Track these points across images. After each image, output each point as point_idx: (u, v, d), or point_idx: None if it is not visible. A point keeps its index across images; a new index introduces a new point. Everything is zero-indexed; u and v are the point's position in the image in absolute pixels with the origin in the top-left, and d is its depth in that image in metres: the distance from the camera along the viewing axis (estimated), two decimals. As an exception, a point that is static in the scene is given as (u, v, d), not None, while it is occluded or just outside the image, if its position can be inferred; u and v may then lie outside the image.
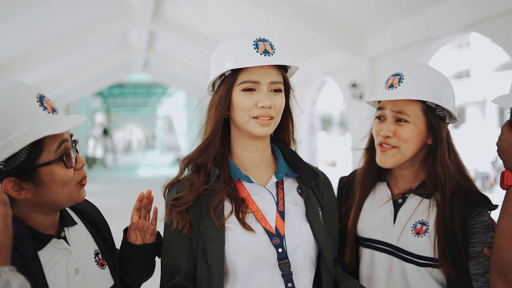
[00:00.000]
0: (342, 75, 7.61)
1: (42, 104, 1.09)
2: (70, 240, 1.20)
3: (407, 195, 1.52)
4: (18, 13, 6.14)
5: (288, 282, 1.24)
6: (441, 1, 4.97)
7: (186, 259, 1.29)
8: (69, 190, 1.12)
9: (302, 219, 1.31)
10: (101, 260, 1.26)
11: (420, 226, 1.45)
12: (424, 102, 1.47)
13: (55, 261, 1.13)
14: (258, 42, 1.26)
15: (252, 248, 1.24)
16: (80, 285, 1.16)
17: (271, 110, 1.24)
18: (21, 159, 1.05)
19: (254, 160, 1.34)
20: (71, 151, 1.13)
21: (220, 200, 1.26)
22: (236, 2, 6.64)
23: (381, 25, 6.17)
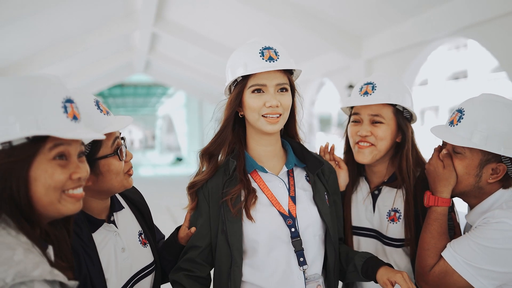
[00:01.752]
0: (339, 76, 7.82)
1: (99, 107, 1.32)
2: (118, 223, 1.42)
3: (381, 187, 1.75)
4: (26, 17, 6.32)
5: (300, 257, 1.45)
6: (433, 6, 5.20)
7: (202, 240, 1.51)
8: (120, 179, 1.34)
9: (310, 202, 1.53)
10: (143, 239, 1.48)
11: (393, 214, 1.68)
12: (394, 106, 1.69)
13: (105, 241, 1.35)
14: (263, 50, 1.44)
15: (270, 228, 1.45)
16: (126, 261, 1.37)
17: (278, 108, 1.44)
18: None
19: (266, 152, 1.54)
20: (122, 146, 1.36)
21: (237, 191, 1.47)
22: (237, 5, 6.82)
23: (377, 29, 6.38)
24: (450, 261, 1.40)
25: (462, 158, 1.46)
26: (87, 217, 1.32)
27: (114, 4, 8.25)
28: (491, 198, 1.46)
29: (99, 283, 1.25)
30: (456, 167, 1.47)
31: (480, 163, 1.44)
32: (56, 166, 1.02)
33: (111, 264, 1.33)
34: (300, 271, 1.45)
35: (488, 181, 1.45)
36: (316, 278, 1.47)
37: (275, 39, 6.39)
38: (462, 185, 1.48)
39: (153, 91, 24.94)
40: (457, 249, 1.41)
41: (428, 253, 1.46)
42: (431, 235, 1.47)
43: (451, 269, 1.40)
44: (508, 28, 4.39)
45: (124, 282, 1.36)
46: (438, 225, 1.47)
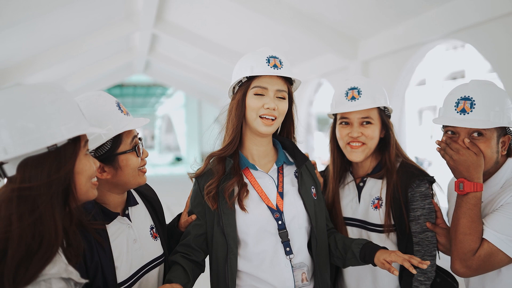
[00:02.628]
0: (337, 77, 7.96)
1: (120, 108, 1.45)
2: (132, 217, 1.55)
3: (365, 178, 1.89)
4: (28, 19, 6.42)
5: (287, 247, 1.59)
6: (427, 9, 5.34)
7: (198, 229, 1.65)
8: (135, 174, 1.47)
9: (297, 197, 1.66)
10: (155, 233, 1.60)
11: (377, 201, 1.81)
12: (378, 107, 1.84)
13: (119, 232, 1.47)
14: (270, 58, 1.58)
15: (259, 221, 1.59)
16: (137, 252, 1.50)
17: (274, 112, 1.58)
18: (106, 148, 1.40)
19: (259, 152, 1.68)
20: (140, 144, 1.50)
21: (231, 185, 1.61)
22: (237, 7, 6.93)
23: (373, 31, 6.52)
24: (494, 242, 1.46)
25: (485, 140, 1.56)
26: (102, 209, 1.45)
27: (115, 6, 8.36)
28: (503, 168, 1.59)
29: (108, 269, 1.38)
30: (483, 150, 1.55)
31: (497, 140, 1.58)
32: (89, 158, 1.19)
33: (123, 254, 1.45)
34: (287, 259, 1.59)
35: (502, 154, 1.60)
36: (301, 266, 1.61)
37: (274, 40, 6.60)
38: (488, 165, 1.58)
39: (152, 91, 25.00)
40: (499, 229, 1.47)
41: (471, 237, 1.49)
42: (472, 220, 1.51)
43: (496, 249, 1.46)
44: (499, 31, 4.54)
45: (135, 270, 1.49)
46: (478, 210, 1.53)
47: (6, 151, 1.05)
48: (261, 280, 1.58)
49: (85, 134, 1.19)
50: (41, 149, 1.08)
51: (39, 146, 1.07)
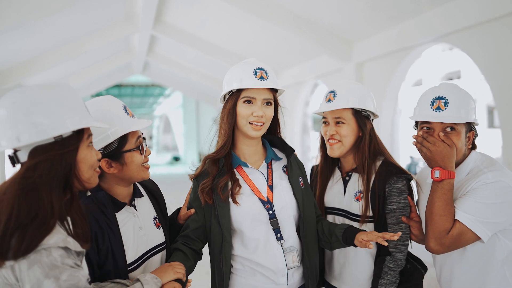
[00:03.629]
0: (331, 78, 8.13)
1: (126, 111, 1.62)
2: (138, 207, 1.72)
3: (350, 173, 2.06)
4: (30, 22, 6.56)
5: (277, 233, 1.78)
6: (418, 14, 5.53)
7: (196, 222, 1.83)
8: (139, 170, 1.64)
9: (285, 189, 1.85)
10: (157, 223, 1.77)
11: (359, 194, 2.00)
12: (353, 108, 2.00)
13: (126, 220, 1.64)
14: (257, 70, 1.77)
15: (252, 212, 1.78)
16: (142, 238, 1.67)
17: (262, 118, 1.77)
18: (113, 146, 1.57)
19: (250, 151, 1.87)
20: (143, 143, 1.67)
21: (224, 182, 1.80)
22: (234, 10, 7.10)
23: (367, 34, 6.70)
24: (465, 222, 1.68)
25: (456, 134, 1.78)
26: (112, 199, 1.62)
27: (114, 8, 8.51)
28: (468, 160, 1.82)
29: (118, 252, 1.55)
30: (455, 142, 1.77)
31: (465, 134, 1.81)
32: (92, 149, 1.37)
33: (130, 239, 1.62)
34: (278, 244, 1.78)
35: (468, 147, 1.83)
36: (292, 250, 1.80)
37: (271, 42, 6.80)
38: (459, 156, 1.80)
39: (150, 92, 25.13)
40: (468, 211, 1.69)
41: (445, 218, 1.70)
42: (446, 203, 1.72)
43: (466, 228, 1.67)
44: (486, 35, 4.72)
45: (140, 254, 1.66)
46: (451, 194, 1.74)
47: (19, 139, 1.23)
48: (257, 263, 1.77)
49: (88, 127, 1.35)
50: (49, 139, 1.25)
51: (47, 136, 1.25)
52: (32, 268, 1.15)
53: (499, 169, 1.73)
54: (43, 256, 1.16)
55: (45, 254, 1.17)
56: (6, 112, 1.25)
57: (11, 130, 1.24)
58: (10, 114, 1.25)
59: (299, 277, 1.85)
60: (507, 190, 1.67)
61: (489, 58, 4.76)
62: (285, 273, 1.78)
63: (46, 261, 1.16)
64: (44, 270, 1.16)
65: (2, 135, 1.25)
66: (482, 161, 1.80)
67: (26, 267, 1.15)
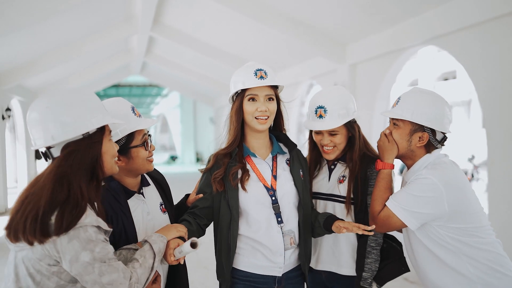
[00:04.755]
0: (326, 79, 8.35)
1: (134, 112, 1.82)
2: (145, 195, 1.93)
3: (336, 162, 2.30)
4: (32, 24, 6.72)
5: (278, 217, 2.00)
6: (408, 18, 5.76)
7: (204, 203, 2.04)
8: (144, 163, 1.85)
9: (287, 179, 2.07)
10: (163, 209, 1.99)
11: (342, 178, 2.23)
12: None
13: (136, 206, 1.85)
14: (256, 71, 1.99)
15: (257, 197, 2.01)
16: (150, 222, 1.88)
17: (266, 112, 1.99)
18: (121, 143, 1.78)
19: (258, 144, 2.09)
20: (148, 140, 1.87)
21: (236, 170, 2.02)
22: (232, 12, 7.28)
23: (360, 37, 6.92)
24: (390, 207, 1.92)
25: (397, 128, 2.02)
26: (123, 188, 1.84)
27: (114, 10, 8.67)
28: (421, 160, 2.01)
29: (131, 232, 1.77)
30: (393, 135, 2.02)
31: (410, 132, 1.99)
32: (112, 142, 1.60)
33: (139, 222, 1.84)
34: (278, 227, 2.00)
35: (417, 146, 2.00)
36: (289, 233, 2.02)
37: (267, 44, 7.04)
38: (401, 151, 2.03)
39: (148, 92, 25.24)
40: (396, 199, 1.93)
41: (377, 202, 1.99)
42: (379, 189, 2.01)
43: (392, 213, 1.91)
44: (471, 38, 4.95)
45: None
46: (384, 183, 2.01)
47: (54, 138, 1.46)
48: (258, 242, 2.00)
49: (108, 124, 1.57)
50: (78, 136, 1.48)
51: (76, 133, 1.48)
52: (71, 242, 1.38)
53: (437, 168, 1.92)
54: (80, 233, 1.39)
55: (82, 231, 1.40)
56: (39, 115, 1.47)
57: (45, 130, 1.46)
58: (43, 116, 1.47)
59: (295, 259, 2.08)
60: (433, 187, 1.85)
61: (474, 60, 4.98)
62: (282, 253, 2.00)
63: (83, 236, 1.40)
64: (81, 244, 1.39)
65: (38, 135, 1.48)
66: (429, 162, 1.99)
67: (66, 241, 1.38)
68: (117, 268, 1.45)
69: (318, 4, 6.51)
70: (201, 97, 19.56)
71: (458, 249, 1.87)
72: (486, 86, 4.85)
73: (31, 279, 1.43)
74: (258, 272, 2.01)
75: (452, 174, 1.91)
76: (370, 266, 2.13)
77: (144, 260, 1.57)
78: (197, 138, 24.53)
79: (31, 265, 1.43)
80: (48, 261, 1.42)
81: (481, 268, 1.85)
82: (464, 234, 1.86)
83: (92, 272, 1.41)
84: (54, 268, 1.43)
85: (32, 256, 1.43)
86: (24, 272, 1.44)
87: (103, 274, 1.42)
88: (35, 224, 1.37)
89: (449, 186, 1.85)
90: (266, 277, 2.01)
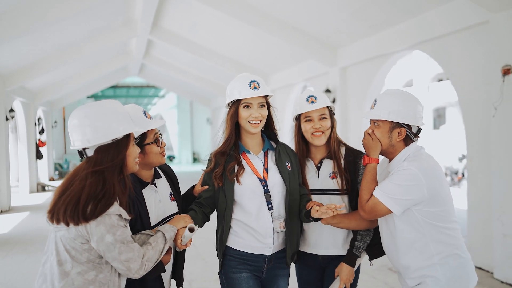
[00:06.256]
0: (318, 81, 8.70)
1: (145, 115, 2.15)
2: (157, 185, 2.25)
3: (322, 160, 2.58)
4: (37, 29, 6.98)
5: (269, 204, 2.32)
6: (394, 24, 6.10)
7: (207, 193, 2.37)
8: (157, 157, 2.18)
9: (276, 171, 2.39)
10: (172, 197, 2.31)
11: (333, 174, 2.52)
12: (328, 107, 2.55)
13: (149, 195, 2.17)
14: (251, 83, 2.30)
15: (251, 187, 2.32)
16: (161, 209, 2.20)
17: (259, 117, 2.31)
18: (137, 141, 2.09)
19: (252, 143, 2.40)
20: (159, 138, 2.20)
21: (232, 165, 2.34)
22: (227, 18, 7.59)
23: (350, 41, 7.27)
24: (377, 196, 2.16)
25: (378, 127, 2.28)
26: (139, 179, 2.16)
27: (114, 15, 8.95)
28: (401, 153, 2.28)
29: (145, 217, 2.10)
30: (376, 133, 2.29)
31: (389, 129, 2.26)
32: (135, 146, 1.92)
33: (152, 209, 2.16)
34: (269, 213, 2.32)
35: (397, 140, 2.28)
36: (279, 218, 2.34)
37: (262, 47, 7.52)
38: (384, 146, 2.30)
39: (145, 92, 25.21)
40: (382, 188, 2.16)
41: (365, 192, 2.22)
42: (367, 181, 2.26)
43: (378, 201, 2.15)
44: (452, 44, 5.29)
45: (159, 220, 2.19)
46: (371, 175, 2.27)
47: (89, 141, 1.80)
48: (251, 227, 2.32)
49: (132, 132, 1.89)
50: (108, 141, 1.81)
51: (108, 138, 1.81)
52: (98, 226, 1.72)
53: (416, 160, 2.22)
54: (106, 219, 1.73)
55: (107, 218, 1.74)
56: (79, 122, 1.81)
57: (83, 134, 1.80)
58: (82, 123, 1.80)
59: (282, 241, 2.39)
60: (414, 177, 2.14)
61: (454, 64, 5.32)
62: (272, 235, 2.32)
63: (108, 222, 1.73)
64: (106, 227, 1.73)
65: (77, 138, 1.82)
66: (409, 155, 2.28)
67: (95, 225, 1.72)
68: (133, 249, 1.79)
69: (310, 10, 6.84)
70: (197, 98, 19.79)
71: (428, 232, 2.16)
72: (466, 88, 5.19)
73: (68, 254, 1.76)
74: (251, 251, 2.32)
75: (429, 164, 2.20)
76: (362, 237, 2.44)
77: (156, 245, 1.91)
78: (194, 138, 24.80)
79: (67, 243, 1.76)
80: (80, 240, 1.75)
81: (443, 249, 2.15)
82: (436, 218, 2.15)
83: (113, 250, 1.74)
84: (85, 246, 1.76)
85: (68, 235, 1.75)
86: (62, 248, 1.77)
87: (122, 253, 1.76)
88: (75, 210, 1.71)
89: (427, 175, 2.14)
90: (258, 255, 2.32)
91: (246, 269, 2.33)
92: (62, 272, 1.76)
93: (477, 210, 5.16)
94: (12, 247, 6.75)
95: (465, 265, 2.17)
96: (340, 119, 7.64)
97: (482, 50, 4.88)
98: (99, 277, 1.79)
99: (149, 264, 1.85)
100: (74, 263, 1.76)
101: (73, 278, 1.76)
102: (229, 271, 2.34)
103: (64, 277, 1.76)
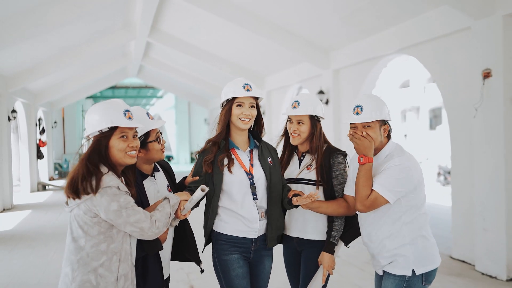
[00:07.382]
0: (312, 83, 8.95)
1: (148, 116, 2.40)
2: (156, 178, 2.51)
3: (304, 154, 2.87)
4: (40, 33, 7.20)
5: (254, 195, 2.59)
6: (383, 29, 6.36)
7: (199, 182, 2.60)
8: (158, 153, 2.44)
9: (260, 166, 2.66)
10: (169, 189, 2.57)
11: (309, 166, 2.80)
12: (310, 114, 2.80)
13: (149, 186, 2.43)
14: (244, 85, 2.59)
15: (239, 179, 2.59)
16: (159, 198, 2.44)
17: (249, 116, 2.59)
18: (141, 139, 2.34)
19: (240, 140, 2.68)
20: (160, 136, 2.44)
21: (223, 157, 2.61)
22: (224, 22, 7.81)
23: (341, 45, 7.53)
24: (377, 190, 2.39)
25: (370, 128, 2.52)
26: (140, 172, 2.42)
27: (113, 18, 9.17)
28: (386, 147, 2.56)
29: (146, 205, 2.33)
30: (372, 135, 2.51)
31: (379, 128, 2.53)
32: (121, 140, 2.13)
33: (151, 198, 2.41)
34: (254, 203, 2.60)
35: (384, 136, 2.56)
36: (262, 207, 2.62)
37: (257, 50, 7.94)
38: (376, 143, 2.55)
39: (143, 93, 25.27)
40: (381, 184, 2.39)
41: (365, 188, 2.43)
42: (366, 178, 2.47)
43: (379, 195, 2.38)
44: (436, 48, 5.55)
45: None
46: (369, 172, 2.49)
47: (87, 131, 2.12)
48: (239, 214, 2.59)
49: (122, 127, 2.08)
50: (95, 132, 2.08)
51: (95, 129, 2.08)
52: (103, 198, 1.96)
53: (403, 154, 2.51)
54: (107, 190, 1.98)
55: (108, 189, 1.99)
56: (86, 115, 2.13)
57: (87, 125, 2.12)
58: (86, 117, 2.13)
59: (265, 226, 2.66)
60: (406, 170, 2.44)
61: (439, 68, 5.58)
62: (257, 221, 2.60)
63: (110, 192, 1.98)
64: (110, 197, 1.97)
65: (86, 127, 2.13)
66: (394, 149, 2.56)
67: (99, 197, 1.96)
68: (139, 211, 2.03)
69: (303, 14, 7.09)
70: (195, 99, 20.00)
71: (405, 216, 2.45)
72: (450, 91, 5.45)
73: (81, 229, 2.00)
74: (239, 235, 2.59)
75: (412, 158, 2.51)
76: (337, 227, 2.71)
77: (162, 208, 2.16)
78: (192, 138, 25.01)
79: (80, 219, 2.00)
80: (90, 214, 1.98)
81: (413, 231, 2.45)
82: (413, 205, 2.45)
83: (121, 216, 1.97)
84: (95, 219, 1.99)
85: (79, 212, 1.99)
86: (76, 225, 2.01)
87: (130, 216, 1.99)
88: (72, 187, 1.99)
89: (415, 167, 2.45)
90: (245, 238, 2.60)
91: (236, 251, 2.59)
92: (77, 247, 2.00)
93: (460, 206, 5.43)
94: (17, 242, 7.00)
95: (431, 247, 2.46)
96: (333, 119, 7.91)
97: (464, 54, 5.14)
98: (111, 247, 2.03)
99: (159, 224, 2.09)
100: (88, 237, 1.99)
101: (87, 251, 1.99)
102: (221, 254, 2.60)
103: (79, 251, 2.00)
